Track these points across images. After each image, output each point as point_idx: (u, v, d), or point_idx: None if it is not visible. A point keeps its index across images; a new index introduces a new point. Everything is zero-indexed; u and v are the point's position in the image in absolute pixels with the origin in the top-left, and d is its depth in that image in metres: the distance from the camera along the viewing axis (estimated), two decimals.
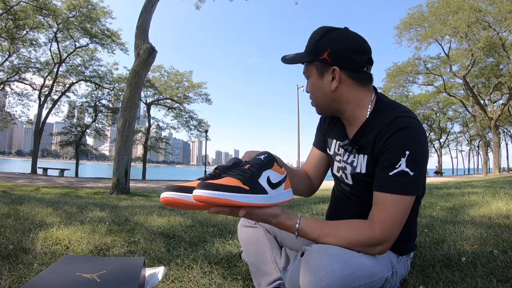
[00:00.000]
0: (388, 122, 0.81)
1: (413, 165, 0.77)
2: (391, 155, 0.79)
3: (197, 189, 0.65)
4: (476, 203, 2.83)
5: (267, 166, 0.75)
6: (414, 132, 0.78)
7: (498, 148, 20.37)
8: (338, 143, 0.99)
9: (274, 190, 0.74)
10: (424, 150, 0.79)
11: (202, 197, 0.64)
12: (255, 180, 0.71)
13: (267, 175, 0.74)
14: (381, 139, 0.81)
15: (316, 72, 0.89)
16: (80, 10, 16.10)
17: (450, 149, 40.67)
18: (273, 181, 0.75)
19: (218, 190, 0.64)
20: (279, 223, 0.79)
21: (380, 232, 0.77)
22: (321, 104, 0.93)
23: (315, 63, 0.88)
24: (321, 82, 0.88)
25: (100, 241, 1.60)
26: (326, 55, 0.84)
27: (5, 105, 20.03)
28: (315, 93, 0.92)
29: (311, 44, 0.88)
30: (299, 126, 21.91)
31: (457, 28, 15.16)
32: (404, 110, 0.85)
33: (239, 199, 0.66)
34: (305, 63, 0.91)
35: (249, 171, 0.71)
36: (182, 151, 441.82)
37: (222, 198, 0.64)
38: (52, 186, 8.50)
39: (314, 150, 1.12)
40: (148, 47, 7.32)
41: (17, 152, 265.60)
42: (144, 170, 20.87)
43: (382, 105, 0.89)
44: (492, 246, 1.34)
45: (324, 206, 3.03)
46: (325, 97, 0.90)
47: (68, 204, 3.16)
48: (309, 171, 1.11)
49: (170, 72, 21.65)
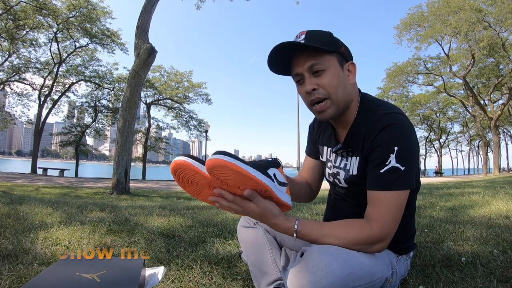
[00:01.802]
0: (374, 121, 0.82)
1: (403, 160, 0.77)
2: (380, 153, 0.79)
3: (213, 154, 0.66)
4: (476, 203, 2.83)
5: (274, 165, 0.78)
6: (400, 127, 0.79)
7: (498, 148, 20.36)
8: (329, 150, 0.99)
9: (279, 186, 0.77)
10: (412, 145, 0.80)
11: (219, 159, 0.64)
12: (264, 169, 0.74)
13: (274, 172, 0.77)
14: (369, 138, 0.82)
15: (337, 63, 0.84)
16: (80, 10, 16.09)
17: (450, 149, 40.71)
18: (279, 179, 0.78)
19: (233, 158, 0.66)
20: (276, 224, 0.79)
21: (378, 229, 0.77)
22: (341, 99, 0.84)
23: (335, 54, 0.84)
24: (343, 74, 0.85)
25: (100, 241, 1.61)
26: (343, 50, 0.86)
27: (5, 105, 20.03)
28: (338, 86, 0.83)
29: (325, 37, 0.84)
30: (299, 126, 21.89)
31: (458, 28, 15.15)
32: (389, 107, 0.85)
33: (251, 171, 0.67)
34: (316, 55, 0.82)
35: (259, 163, 0.74)
36: (182, 151, 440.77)
37: (236, 164, 0.65)
38: (52, 186, 8.50)
39: (307, 158, 1.14)
40: (148, 47, 7.32)
41: (17, 152, 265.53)
42: (144, 170, 20.86)
43: (366, 104, 0.89)
44: (492, 246, 1.34)
45: (324, 206, 3.03)
46: (346, 91, 0.85)
47: (68, 204, 3.16)
48: (307, 178, 1.12)
49: (170, 72, 21.65)
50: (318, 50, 0.81)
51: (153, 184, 12.62)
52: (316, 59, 0.82)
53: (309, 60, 0.82)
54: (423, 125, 29.50)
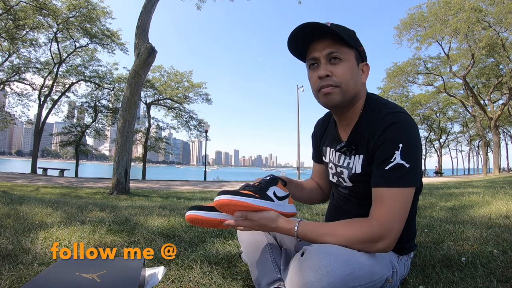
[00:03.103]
0: (379, 119, 0.83)
1: (408, 157, 0.78)
2: (385, 150, 0.80)
3: (217, 195, 0.82)
4: (476, 203, 2.83)
5: (272, 184, 0.91)
6: (405, 126, 0.80)
7: (498, 148, 20.35)
8: (332, 150, 1.00)
9: (280, 201, 0.90)
10: (416, 143, 0.80)
11: (224, 200, 0.81)
12: (263, 192, 0.87)
13: (273, 190, 0.90)
14: (373, 137, 0.83)
15: (354, 59, 0.87)
16: (80, 10, 16.08)
17: (450, 149, 40.71)
18: (279, 195, 0.90)
19: (233, 194, 0.82)
20: (277, 227, 0.81)
21: (378, 226, 0.77)
22: (350, 91, 0.86)
23: (354, 50, 0.87)
24: (357, 70, 0.88)
25: (100, 241, 1.60)
26: (362, 50, 0.90)
27: (5, 105, 20.02)
28: (351, 78, 0.86)
29: (349, 32, 0.87)
30: (299, 127, 21.92)
31: (458, 28, 15.15)
32: (393, 106, 0.86)
33: (250, 201, 0.82)
34: (337, 45, 0.84)
35: (259, 186, 0.89)
36: (182, 151, 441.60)
37: (237, 200, 0.81)
38: (52, 186, 8.50)
39: (314, 164, 1.18)
40: (148, 47, 7.32)
41: (17, 152, 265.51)
42: (144, 170, 20.85)
43: (372, 103, 0.90)
44: (492, 246, 1.34)
45: (324, 206, 3.03)
46: (356, 87, 0.88)
47: (68, 204, 3.16)
48: (317, 181, 1.17)
49: (170, 72, 21.64)
50: (341, 40, 0.84)
51: (153, 184, 12.62)
52: (336, 48, 0.84)
53: (329, 47, 0.84)
54: (423, 125, 29.48)
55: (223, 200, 0.80)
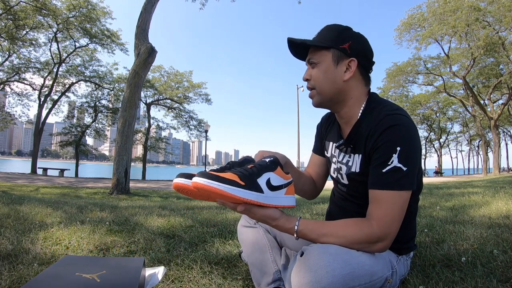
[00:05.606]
0: (378, 121, 0.82)
1: (405, 161, 0.78)
2: (382, 152, 0.80)
3: (196, 176, 0.69)
4: (476, 203, 2.83)
5: (269, 169, 0.77)
6: (403, 128, 0.80)
7: (498, 148, 20.34)
8: (334, 145, 1.01)
9: (272, 192, 0.76)
10: (415, 146, 0.80)
11: (199, 184, 0.68)
12: (253, 179, 0.73)
13: (268, 177, 0.75)
14: (372, 138, 0.83)
15: (331, 59, 0.89)
16: (80, 10, 16.09)
17: (450, 149, 40.69)
18: (273, 184, 0.76)
19: (213, 179, 0.68)
20: (278, 226, 0.80)
21: (378, 228, 0.78)
22: (326, 92, 0.91)
23: (332, 50, 0.88)
24: (334, 70, 0.89)
25: (100, 241, 1.60)
26: (347, 46, 0.88)
27: (5, 105, 20.03)
28: (324, 80, 0.90)
29: (333, 32, 0.89)
30: (299, 127, 21.91)
31: (457, 27, 15.14)
32: (394, 108, 0.85)
33: (230, 191, 0.68)
34: (315, 50, 0.91)
35: (250, 170, 0.74)
36: (182, 151, 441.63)
37: (215, 187, 0.67)
38: (52, 186, 8.50)
39: (313, 155, 1.15)
40: (148, 47, 7.32)
41: (17, 152, 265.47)
42: (144, 170, 20.86)
43: (372, 103, 0.90)
44: (492, 246, 1.34)
45: (324, 206, 3.03)
46: (334, 86, 0.90)
47: (68, 204, 3.16)
48: (312, 174, 1.14)
49: (170, 72, 21.65)
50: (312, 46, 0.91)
51: (153, 184, 12.62)
52: (312, 53, 0.92)
53: (309, 54, 0.93)
54: (423, 125, 29.49)
55: (198, 184, 0.67)
